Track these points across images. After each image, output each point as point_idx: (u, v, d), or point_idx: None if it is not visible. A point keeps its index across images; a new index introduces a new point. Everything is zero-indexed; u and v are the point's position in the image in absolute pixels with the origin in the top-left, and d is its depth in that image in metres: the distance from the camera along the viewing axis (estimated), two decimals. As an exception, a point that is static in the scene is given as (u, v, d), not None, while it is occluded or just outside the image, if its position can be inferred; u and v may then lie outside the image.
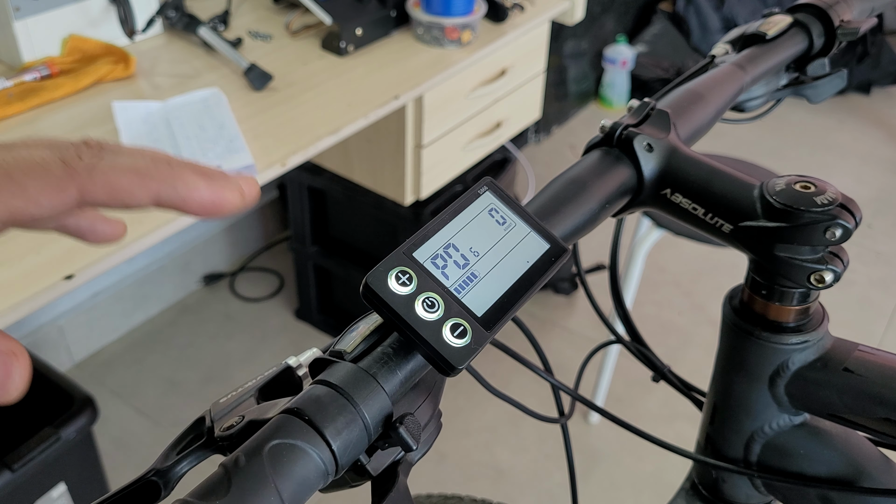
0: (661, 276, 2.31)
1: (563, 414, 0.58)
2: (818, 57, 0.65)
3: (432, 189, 1.66)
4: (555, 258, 0.37)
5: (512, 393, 0.53)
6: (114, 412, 1.84)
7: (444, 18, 1.49)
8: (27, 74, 1.24)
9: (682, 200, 0.47)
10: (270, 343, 2.05)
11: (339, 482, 0.32)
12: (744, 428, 0.52)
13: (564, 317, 2.17)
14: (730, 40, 0.64)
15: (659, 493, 1.71)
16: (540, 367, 0.53)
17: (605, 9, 2.91)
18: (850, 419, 0.47)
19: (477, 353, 0.32)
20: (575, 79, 2.94)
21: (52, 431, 1.23)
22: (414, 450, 0.31)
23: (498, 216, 0.37)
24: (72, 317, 1.90)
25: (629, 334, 0.64)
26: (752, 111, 0.64)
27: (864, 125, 3.07)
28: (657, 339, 2.10)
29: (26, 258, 0.96)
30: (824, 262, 0.44)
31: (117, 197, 0.27)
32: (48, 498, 1.28)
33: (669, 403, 1.91)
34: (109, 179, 0.27)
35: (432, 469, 1.76)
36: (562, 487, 1.75)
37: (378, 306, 0.32)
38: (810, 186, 0.45)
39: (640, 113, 0.49)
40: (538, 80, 1.82)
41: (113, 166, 0.27)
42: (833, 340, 0.49)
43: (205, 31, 1.40)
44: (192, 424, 0.34)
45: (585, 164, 0.47)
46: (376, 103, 1.33)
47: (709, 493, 0.57)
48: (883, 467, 0.50)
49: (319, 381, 0.31)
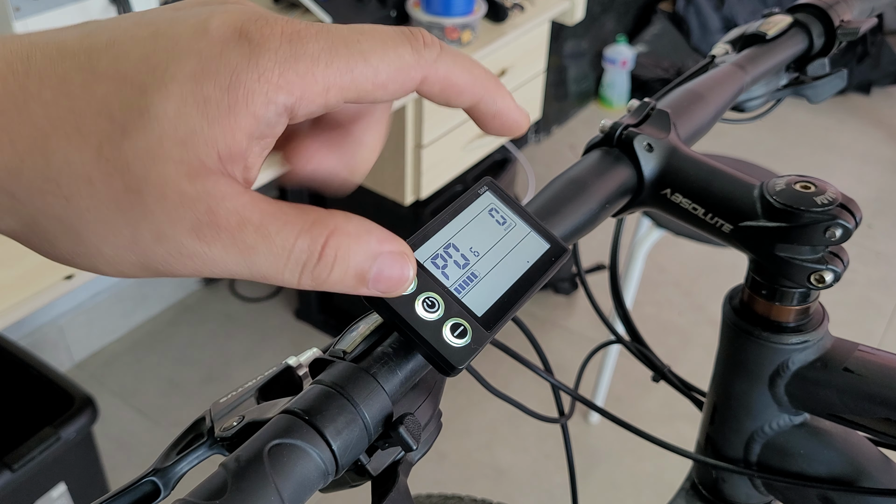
0: (661, 276, 2.31)
1: (563, 414, 0.58)
2: (818, 57, 0.65)
3: (432, 189, 1.66)
4: (555, 258, 0.37)
5: (512, 393, 0.53)
6: (114, 412, 1.84)
7: (444, 18, 1.49)
8: (27, 74, 1.24)
9: (682, 200, 0.47)
10: (270, 343, 2.06)
11: (340, 482, 0.32)
12: (744, 428, 0.52)
13: (564, 317, 2.17)
14: (730, 40, 0.64)
15: (659, 493, 1.71)
16: (540, 367, 0.53)
17: (605, 9, 2.91)
18: (850, 419, 0.47)
19: (477, 353, 0.32)
20: (575, 79, 2.94)
21: (52, 431, 1.23)
22: (414, 450, 0.31)
23: (498, 216, 0.37)
24: (72, 317, 1.90)
25: (629, 334, 0.64)
26: (752, 111, 0.64)
27: (864, 125, 3.07)
28: (657, 339, 2.10)
29: (26, 258, 0.96)
30: (824, 262, 0.44)
31: (447, 93, 0.29)
32: (48, 498, 1.28)
33: (669, 403, 1.91)
34: (449, 76, 0.28)
35: (432, 469, 1.76)
36: (562, 487, 1.75)
37: (378, 306, 0.32)
38: (810, 186, 0.45)
39: (640, 113, 0.49)
40: (538, 80, 1.82)
41: (453, 64, 0.28)
42: (833, 340, 0.49)
43: (205, 31, 1.40)
44: (192, 424, 0.34)
45: (585, 164, 0.47)
46: (376, 103, 1.33)
47: (709, 493, 0.57)
48: (883, 467, 0.50)
49: (319, 381, 0.31)
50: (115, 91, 0.24)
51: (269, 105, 0.25)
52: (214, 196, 0.24)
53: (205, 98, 0.24)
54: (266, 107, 0.25)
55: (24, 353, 1.38)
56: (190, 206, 0.24)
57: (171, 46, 0.25)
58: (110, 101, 0.24)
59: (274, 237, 0.25)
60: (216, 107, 0.24)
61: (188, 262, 0.25)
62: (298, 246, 0.25)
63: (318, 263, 0.26)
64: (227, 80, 0.24)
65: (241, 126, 0.24)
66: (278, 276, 0.26)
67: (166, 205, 0.24)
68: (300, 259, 0.25)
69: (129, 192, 0.24)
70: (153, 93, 0.24)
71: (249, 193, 0.25)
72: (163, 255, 0.25)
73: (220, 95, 0.24)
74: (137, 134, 0.24)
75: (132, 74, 0.24)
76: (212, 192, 0.24)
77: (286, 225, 0.25)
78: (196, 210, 0.24)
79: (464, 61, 0.29)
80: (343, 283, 0.27)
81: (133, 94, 0.24)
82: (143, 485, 0.30)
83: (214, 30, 0.25)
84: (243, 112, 0.24)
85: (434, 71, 0.28)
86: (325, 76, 0.25)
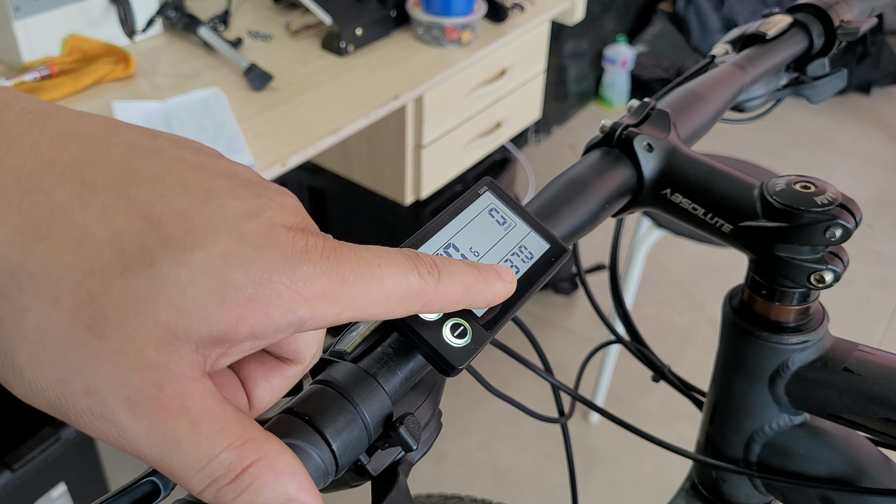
0: (661, 276, 2.31)
1: (563, 414, 0.58)
2: (818, 57, 0.65)
3: (432, 189, 1.66)
4: (555, 258, 0.37)
5: (512, 393, 0.53)
6: (114, 412, 1.84)
7: (444, 18, 1.49)
8: (27, 75, 1.24)
9: (682, 200, 0.47)
10: (270, 343, 2.05)
11: (339, 482, 0.32)
12: (744, 428, 0.52)
13: (564, 317, 2.17)
14: (730, 40, 0.64)
15: (659, 493, 1.71)
16: (540, 367, 0.53)
17: (605, 9, 2.91)
18: (850, 419, 0.47)
19: (477, 353, 0.32)
20: (575, 79, 2.94)
21: (52, 431, 1.23)
22: (414, 450, 0.31)
23: (498, 216, 0.37)
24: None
25: (629, 334, 0.64)
26: (752, 111, 0.64)
27: (864, 125, 3.07)
28: (657, 339, 2.10)
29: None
30: (824, 262, 0.44)
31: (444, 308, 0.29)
32: (48, 498, 1.28)
33: (669, 403, 1.91)
34: (447, 293, 0.28)
35: (432, 469, 1.76)
36: (562, 487, 1.75)
37: (378, 306, 0.32)
38: (810, 186, 0.45)
39: (640, 113, 0.49)
40: (538, 80, 1.82)
41: (450, 281, 0.28)
42: (833, 340, 0.49)
43: (205, 31, 1.40)
44: (193, 424, 0.34)
45: (585, 164, 0.47)
46: (376, 103, 1.33)
47: (709, 493, 0.57)
48: (883, 467, 0.50)
49: (319, 381, 0.31)
50: (139, 230, 0.23)
51: (287, 314, 0.24)
52: (170, 371, 0.22)
53: (227, 280, 0.23)
54: (283, 314, 0.24)
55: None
56: (141, 372, 0.22)
57: (218, 216, 0.24)
58: (127, 236, 0.22)
59: (203, 439, 0.23)
60: (235, 293, 0.23)
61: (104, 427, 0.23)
62: (221, 458, 0.23)
63: (230, 483, 0.23)
64: (258, 275, 0.23)
65: (250, 320, 0.23)
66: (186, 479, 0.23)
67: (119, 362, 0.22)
68: (216, 472, 0.23)
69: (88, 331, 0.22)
70: (176, 252, 0.23)
71: (203, 382, 0.24)
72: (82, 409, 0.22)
73: (245, 285, 0.23)
74: (136, 281, 0.22)
75: (165, 223, 0.23)
76: (170, 367, 0.22)
77: (220, 432, 0.23)
78: (144, 379, 0.22)
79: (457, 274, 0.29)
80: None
81: (155, 242, 0.22)
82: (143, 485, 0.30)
83: (265, 220, 0.24)
84: (260, 310, 0.23)
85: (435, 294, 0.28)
86: (347, 297, 0.25)
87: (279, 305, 0.24)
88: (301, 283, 0.24)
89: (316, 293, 0.24)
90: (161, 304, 0.22)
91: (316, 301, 0.24)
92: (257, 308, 0.23)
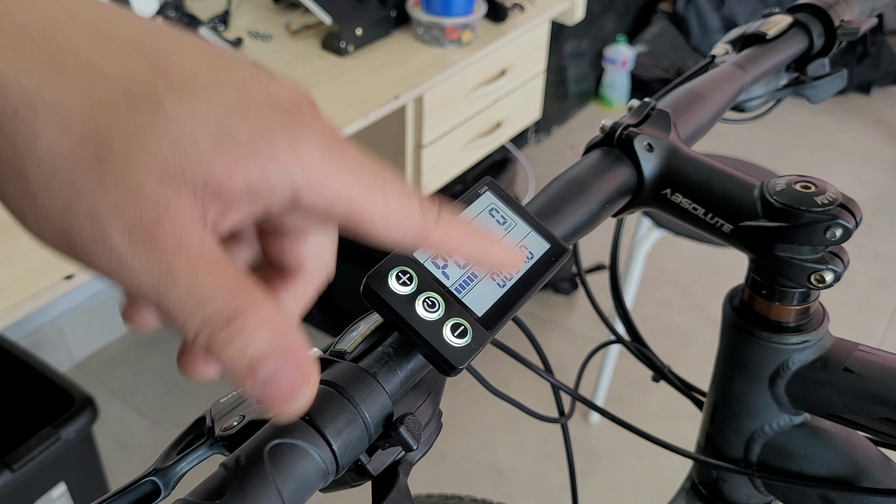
0: (661, 276, 2.31)
1: (563, 414, 0.58)
2: (818, 57, 0.65)
3: (432, 189, 1.66)
4: (555, 258, 0.37)
5: (512, 393, 0.53)
6: (114, 412, 1.84)
7: (444, 18, 1.49)
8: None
9: (682, 200, 0.47)
10: (270, 343, 2.05)
11: (340, 482, 0.32)
12: (744, 428, 0.52)
13: (564, 317, 2.17)
14: (730, 40, 0.64)
15: (659, 493, 1.71)
16: (540, 367, 0.53)
17: (605, 9, 2.91)
18: (850, 419, 0.47)
19: (477, 353, 0.32)
20: (575, 79, 2.94)
21: (52, 431, 1.23)
22: (414, 449, 0.31)
23: (498, 216, 0.37)
24: (72, 317, 1.90)
25: (629, 334, 0.64)
26: (752, 111, 0.64)
27: (864, 125, 3.07)
28: (657, 339, 2.10)
29: (26, 258, 0.96)
30: (824, 261, 0.44)
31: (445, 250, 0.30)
32: (48, 498, 1.28)
33: (669, 403, 1.91)
34: (445, 236, 0.29)
35: (432, 469, 1.76)
36: (562, 487, 1.75)
37: (378, 306, 0.32)
38: (810, 186, 0.45)
39: (640, 113, 0.49)
40: (538, 80, 1.82)
41: (450, 226, 0.29)
42: (833, 340, 0.49)
43: (205, 31, 1.40)
44: (193, 424, 0.34)
45: (585, 164, 0.47)
46: (376, 103, 1.33)
47: (709, 493, 0.57)
48: (883, 467, 0.50)
49: (320, 380, 0.31)
50: (149, 75, 0.24)
51: (283, 172, 0.24)
52: (169, 209, 0.23)
53: (228, 131, 0.24)
54: (279, 173, 0.24)
55: (24, 352, 1.38)
56: (140, 203, 0.23)
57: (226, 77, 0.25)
58: (137, 79, 0.24)
59: (199, 279, 0.23)
60: (233, 143, 0.24)
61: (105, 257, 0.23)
62: (216, 301, 0.24)
63: (223, 328, 0.24)
64: (258, 129, 0.24)
65: (245, 172, 0.24)
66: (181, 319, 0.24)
67: (120, 190, 0.23)
68: (208, 314, 0.24)
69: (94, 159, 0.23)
70: (181, 97, 0.24)
71: (203, 231, 0.24)
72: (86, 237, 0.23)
73: (245, 137, 0.24)
74: (141, 117, 0.23)
75: (174, 72, 0.24)
76: (169, 205, 0.23)
77: (217, 276, 0.24)
78: (144, 210, 0.23)
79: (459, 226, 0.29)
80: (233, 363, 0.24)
81: (162, 86, 0.24)
82: (143, 485, 0.30)
83: (274, 87, 0.25)
84: (257, 164, 0.24)
85: (433, 231, 0.28)
86: (347, 184, 0.25)
87: (276, 163, 0.24)
88: (302, 150, 0.25)
89: (315, 164, 0.25)
90: (162, 140, 0.23)
91: (313, 170, 0.25)
92: (254, 161, 0.24)
